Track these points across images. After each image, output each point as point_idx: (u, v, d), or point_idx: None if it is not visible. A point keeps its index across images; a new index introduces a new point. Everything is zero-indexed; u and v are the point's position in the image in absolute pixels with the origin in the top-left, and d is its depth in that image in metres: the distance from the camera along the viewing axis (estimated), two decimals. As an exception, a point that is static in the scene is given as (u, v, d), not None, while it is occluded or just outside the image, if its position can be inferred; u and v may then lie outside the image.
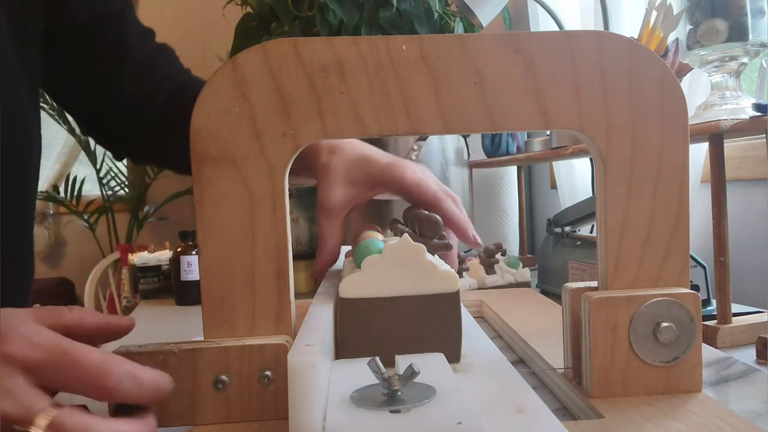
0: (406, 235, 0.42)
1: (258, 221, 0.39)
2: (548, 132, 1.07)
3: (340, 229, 0.55)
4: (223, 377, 0.38)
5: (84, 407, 0.33)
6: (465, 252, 1.07)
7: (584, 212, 0.91)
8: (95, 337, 0.37)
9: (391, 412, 0.31)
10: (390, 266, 0.42)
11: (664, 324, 0.39)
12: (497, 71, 0.39)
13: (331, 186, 0.54)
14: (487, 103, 0.39)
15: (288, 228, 0.40)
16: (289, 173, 0.40)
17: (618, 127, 0.40)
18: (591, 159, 1.13)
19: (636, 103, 0.40)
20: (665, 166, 0.40)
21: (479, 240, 0.56)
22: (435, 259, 0.46)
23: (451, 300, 0.42)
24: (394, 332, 0.42)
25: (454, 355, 0.43)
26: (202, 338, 0.40)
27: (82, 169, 3.22)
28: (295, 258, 0.41)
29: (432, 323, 0.42)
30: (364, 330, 0.42)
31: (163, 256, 1.24)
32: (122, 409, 0.34)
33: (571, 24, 1.25)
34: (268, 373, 0.38)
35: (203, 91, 0.39)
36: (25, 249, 0.60)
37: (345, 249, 0.65)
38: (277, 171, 0.39)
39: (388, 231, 0.57)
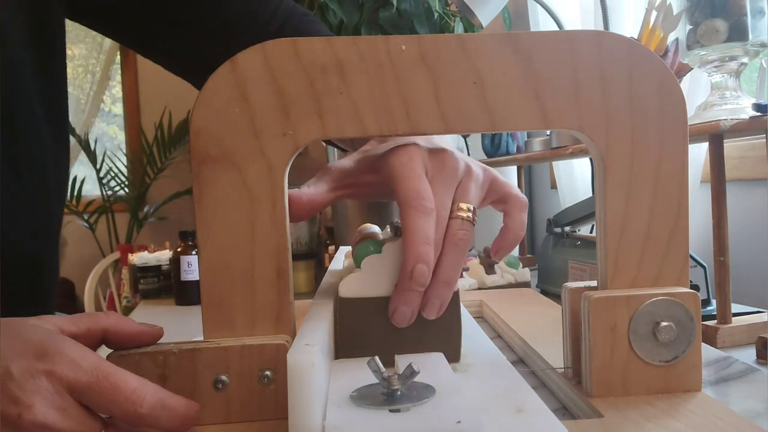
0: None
1: (258, 221, 0.39)
2: (548, 132, 1.07)
3: (323, 192, 0.45)
4: (223, 377, 0.38)
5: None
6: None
7: (584, 212, 0.91)
8: (128, 342, 0.38)
9: (391, 411, 0.31)
10: (389, 266, 0.42)
11: (664, 323, 0.39)
12: (497, 71, 0.39)
13: (348, 157, 0.48)
14: (486, 102, 0.39)
15: (288, 228, 0.40)
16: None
17: (617, 127, 0.40)
18: (591, 159, 1.13)
19: (635, 103, 0.40)
20: (665, 166, 0.40)
21: (423, 275, 0.38)
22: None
23: (451, 299, 0.42)
24: (393, 332, 0.42)
25: (454, 355, 0.43)
26: (202, 338, 0.40)
27: (82, 169, 3.23)
28: (295, 258, 0.41)
29: (432, 323, 0.42)
30: (364, 329, 0.42)
31: (163, 256, 1.24)
32: None
33: (571, 24, 1.25)
34: (267, 373, 0.38)
35: (202, 91, 0.39)
36: (51, 260, 0.60)
37: (345, 249, 0.65)
38: (277, 171, 0.39)
39: (387, 231, 0.57)
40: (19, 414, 0.30)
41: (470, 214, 0.41)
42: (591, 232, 1.00)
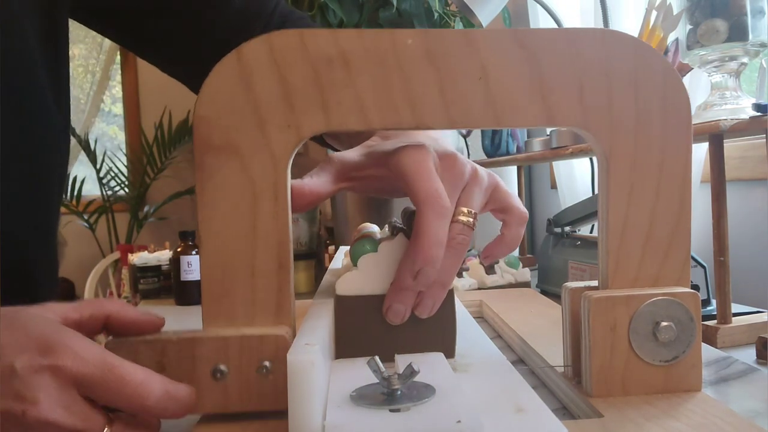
0: (401, 234, 0.43)
1: (260, 212, 0.39)
2: (548, 132, 1.07)
3: (325, 183, 0.44)
4: (222, 367, 0.37)
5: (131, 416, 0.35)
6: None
7: (584, 212, 0.90)
8: (129, 329, 0.38)
9: (391, 410, 0.31)
10: (385, 264, 0.42)
11: (664, 323, 0.39)
12: (502, 67, 0.39)
13: (353, 150, 0.47)
14: (491, 98, 0.39)
15: (290, 219, 0.39)
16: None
17: (622, 126, 0.40)
18: (591, 159, 1.12)
19: (640, 101, 0.40)
20: (668, 165, 0.40)
21: (429, 278, 0.40)
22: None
23: (445, 296, 0.42)
24: (389, 329, 0.42)
25: (449, 351, 0.43)
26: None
27: (82, 169, 3.23)
28: (295, 258, 0.40)
29: (426, 319, 0.42)
30: (360, 326, 0.42)
31: (163, 256, 1.24)
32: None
33: (571, 24, 1.25)
34: (266, 363, 0.37)
35: (207, 79, 0.38)
36: (53, 260, 0.60)
37: (345, 249, 0.65)
38: (280, 162, 0.39)
39: (386, 230, 0.57)
40: (24, 411, 0.30)
41: (471, 219, 0.42)
42: (591, 232, 1.00)
